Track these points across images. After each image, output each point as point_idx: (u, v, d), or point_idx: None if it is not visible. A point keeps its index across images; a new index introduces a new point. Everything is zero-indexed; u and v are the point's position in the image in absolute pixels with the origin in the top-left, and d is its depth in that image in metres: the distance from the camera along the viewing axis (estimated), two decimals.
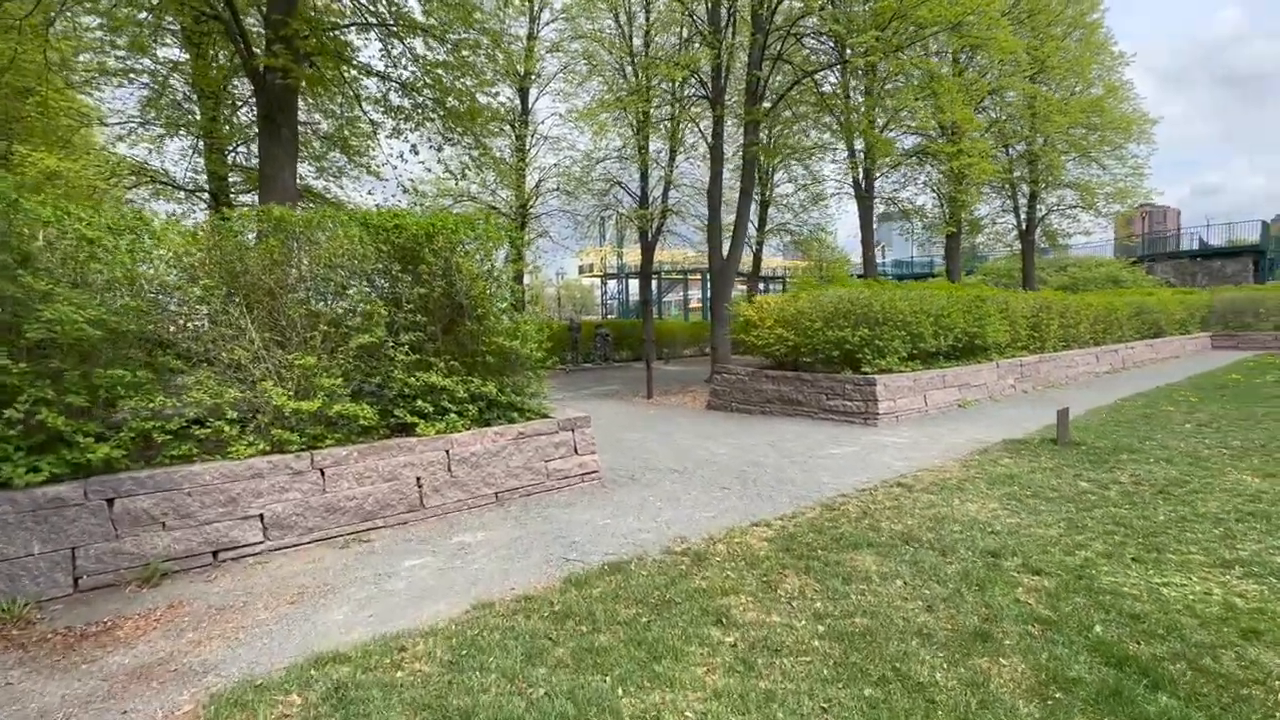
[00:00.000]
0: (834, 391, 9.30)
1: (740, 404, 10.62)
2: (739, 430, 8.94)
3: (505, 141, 19.46)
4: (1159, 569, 3.82)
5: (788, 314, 10.21)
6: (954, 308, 10.45)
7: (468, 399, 5.38)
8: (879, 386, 8.82)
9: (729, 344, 12.89)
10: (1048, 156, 19.00)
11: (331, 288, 4.84)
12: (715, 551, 4.20)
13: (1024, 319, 12.48)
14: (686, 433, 8.89)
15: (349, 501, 4.55)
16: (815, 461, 6.86)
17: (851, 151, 16.93)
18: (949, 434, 8.17)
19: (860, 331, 9.19)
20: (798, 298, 10.39)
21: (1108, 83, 19.91)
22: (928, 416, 9.45)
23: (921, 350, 9.89)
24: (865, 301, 9.45)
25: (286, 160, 8.55)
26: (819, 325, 9.60)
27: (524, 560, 4.17)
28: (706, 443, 8.07)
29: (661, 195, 22.91)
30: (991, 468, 6.27)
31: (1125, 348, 15.69)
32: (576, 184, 21.36)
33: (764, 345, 10.39)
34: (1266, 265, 30.16)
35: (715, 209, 13.18)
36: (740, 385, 10.65)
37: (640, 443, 8.25)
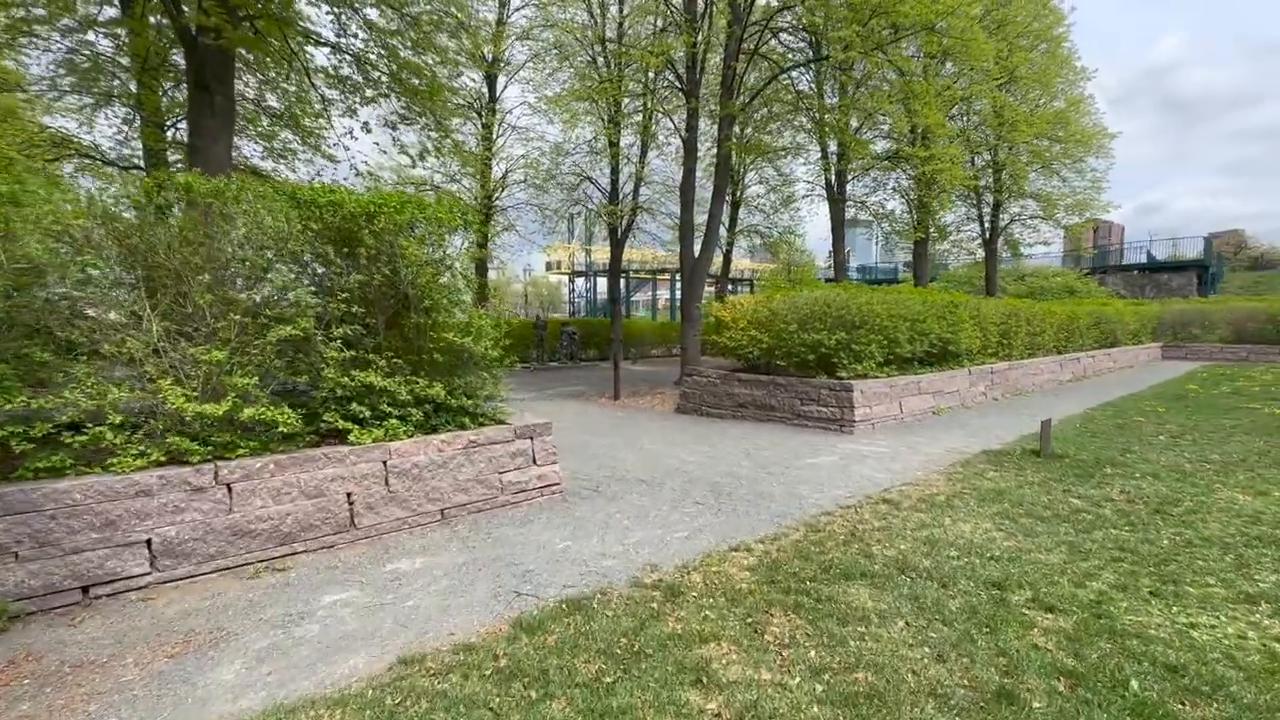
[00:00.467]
0: (809, 397, 8.87)
1: (711, 408, 10.13)
2: (711, 436, 8.44)
3: (471, 129, 18.63)
4: (1181, 605, 3.41)
5: (761, 315, 9.76)
6: (929, 313, 10.15)
7: (411, 402, 4.71)
8: (856, 393, 8.42)
9: (699, 345, 12.41)
10: (1013, 165, 19.10)
11: (248, 271, 4.11)
12: (690, 583, 3.64)
13: (994, 326, 12.32)
14: (655, 438, 8.34)
15: (262, 523, 3.84)
16: (793, 473, 6.38)
17: (825, 153, 16.65)
18: (927, 443, 7.81)
19: (837, 335, 8.79)
20: (772, 298, 9.95)
21: (1070, 96, 20.14)
22: (903, 424, 9.11)
23: (897, 356, 9.56)
24: (842, 304, 9.05)
25: (220, 132, 7.67)
26: (794, 328, 9.17)
27: (467, 594, 3.54)
28: (677, 450, 7.53)
29: (632, 192, 22.36)
30: (978, 481, 5.88)
31: (1087, 356, 15.79)
32: (545, 177, 20.65)
33: (736, 347, 9.92)
34: (1209, 279, 31.26)
35: (688, 206, 12.68)
36: (711, 389, 10.15)
37: (606, 449, 7.66)
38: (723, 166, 12.41)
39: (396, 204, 4.64)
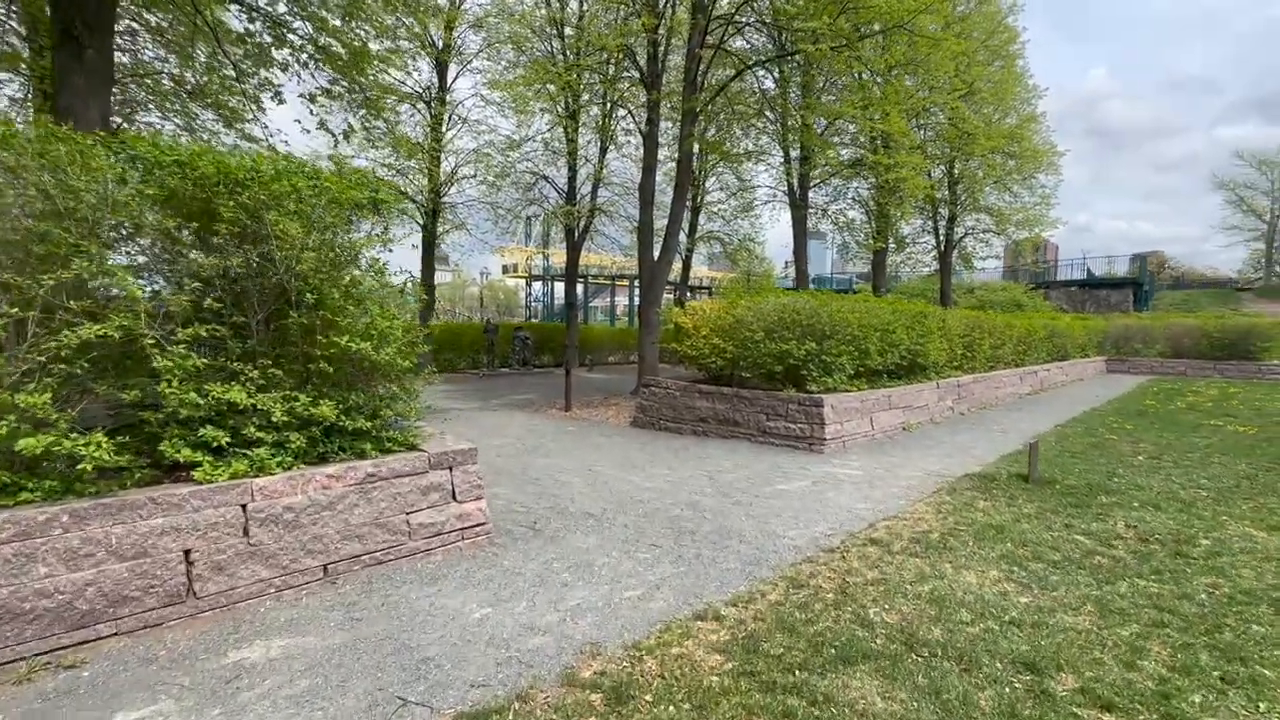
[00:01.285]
0: (775, 412, 8.08)
1: (670, 422, 9.24)
2: (669, 455, 7.53)
3: (419, 119, 17.36)
4: (1268, 699, 2.66)
5: (725, 322, 8.94)
6: (898, 323, 9.54)
7: (292, 424, 3.63)
8: (827, 408, 7.67)
9: (657, 353, 11.53)
10: (969, 179, 19.01)
11: (43, 248, 2.97)
12: (643, 676, 2.70)
13: (958, 338, 11.87)
14: (608, 458, 7.38)
15: (46, 599, 2.72)
16: (764, 503, 5.52)
17: (787, 156, 16.09)
18: (904, 464, 7.10)
19: (806, 345, 8.03)
20: (736, 305, 9.15)
21: (1025, 113, 20.24)
22: (875, 442, 8.41)
23: (867, 368, 8.87)
24: (812, 312, 8.31)
25: (93, 92, 6.37)
26: (760, 336, 8.38)
27: (331, 705, 2.50)
28: (631, 474, 6.59)
29: (590, 193, 21.41)
30: (970, 514, 5.14)
31: (1043, 369, 15.64)
32: (498, 174, 19.47)
33: (698, 356, 9.07)
34: (1144, 296, 32.36)
35: (647, 206, 11.82)
36: (670, 401, 9.27)
37: (551, 472, 6.65)
38: (684, 165, 11.61)
39: (273, 170, 3.57)
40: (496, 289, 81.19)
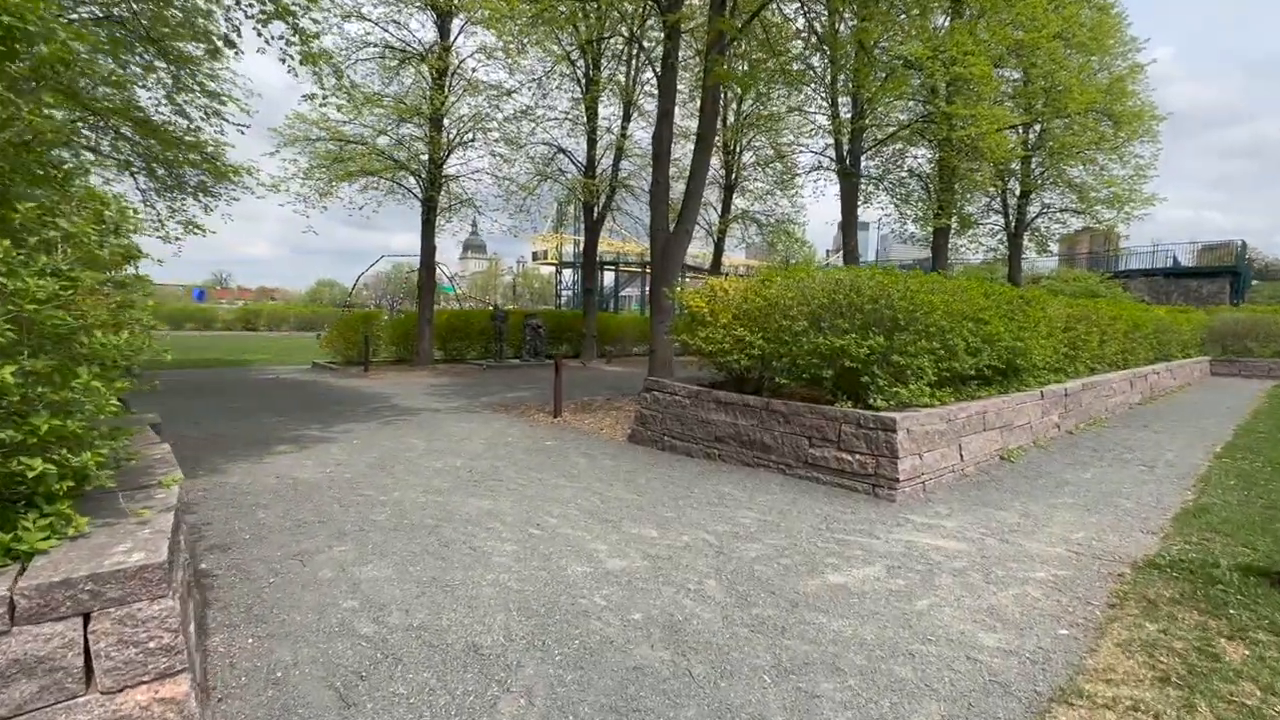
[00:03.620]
0: (822, 435, 5.52)
1: (677, 439, 6.77)
2: (665, 497, 5.08)
3: (413, 80, 15.15)
4: None
5: (753, 307, 6.40)
6: (994, 310, 6.80)
7: None
8: (900, 433, 5.07)
9: (670, 345, 9.05)
10: (1055, 145, 15.70)
11: None
12: None
13: (1060, 333, 8.98)
14: (576, 501, 4.97)
15: None
16: (807, 624, 3.01)
17: (835, 113, 13.23)
18: (1027, 528, 4.46)
19: (871, 340, 5.42)
20: (769, 282, 6.59)
21: (1131, 64, 16.71)
22: (967, 479, 5.76)
23: (952, 373, 6.20)
24: (878, 291, 5.70)
25: None
26: (802, 326, 5.82)
27: None
28: (596, 539, 4.15)
29: (612, 165, 18.95)
30: (1220, 679, 2.53)
31: (1150, 371, 12.49)
32: (509, 141, 17.17)
33: (715, 352, 6.56)
34: (1241, 286, 28.02)
35: (661, 161, 9.30)
36: (677, 411, 6.80)
37: (475, 530, 4.27)
38: (709, 108, 9.02)
39: None
40: (531, 277, 79.63)
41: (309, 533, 4.10)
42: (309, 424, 8.06)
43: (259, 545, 3.87)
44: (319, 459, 6.17)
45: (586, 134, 18.01)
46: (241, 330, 34.80)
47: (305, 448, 6.67)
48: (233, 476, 5.45)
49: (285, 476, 5.49)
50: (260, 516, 4.41)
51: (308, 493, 5.00)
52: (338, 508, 4.65)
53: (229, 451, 6.42)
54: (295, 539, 3.99)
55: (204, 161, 13.16)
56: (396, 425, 8.10)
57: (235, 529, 4.15)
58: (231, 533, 4.08)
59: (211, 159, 13.16)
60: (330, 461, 6.07)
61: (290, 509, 4.59)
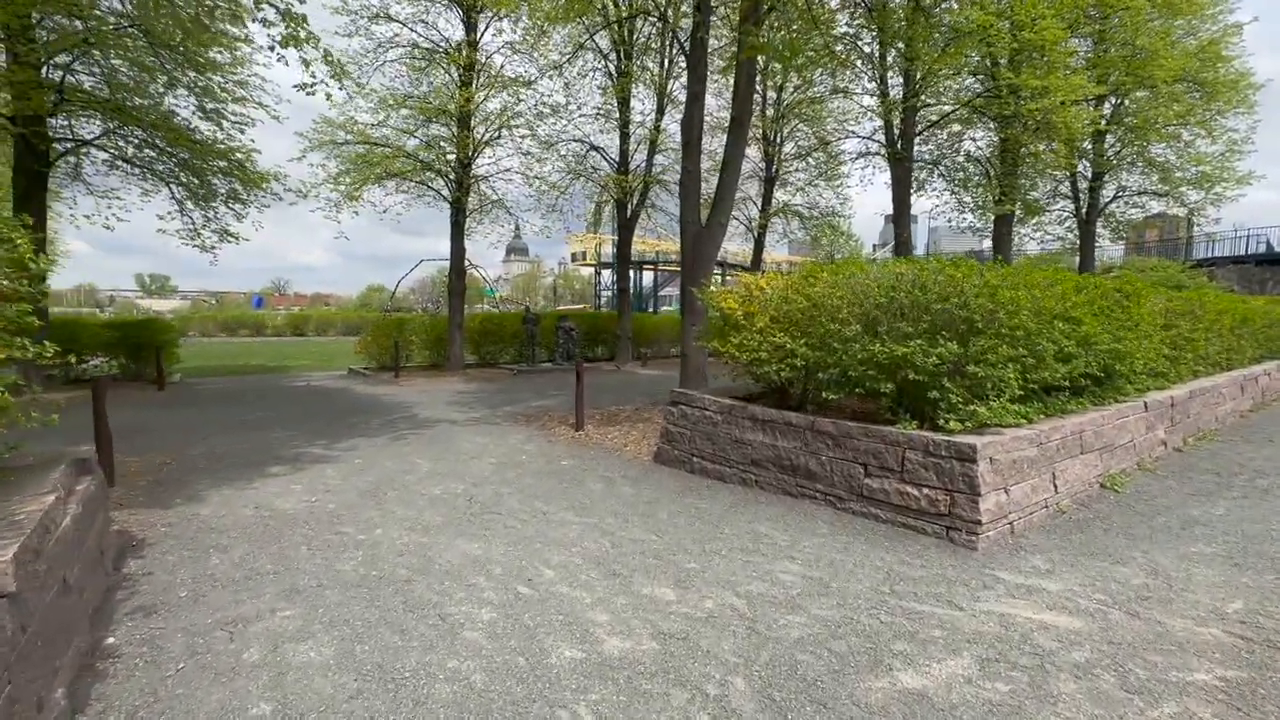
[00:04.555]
0: (881, 462, 4.53)
1: (707, 460, 5.87)
2: (689, 539, 4.20)
3: (440, 78, 14.69)
4: None
5: (795, 308, 5.43)
6: (1084, 307, 5.62)
7: None
8: (982, 464, 4.04)
9: (703, 351, 8.14)
10: (1142, 115, 13.94)
11: None
12: None
13: (1160, 330, 7.61)
14: (579, 545, 4.15)
15: None
16: None
17: (884, 91, 12.00)
18: (1161, 595, 3.38)
19: (941, 347, 4.39)
20: (813, 279, 5.61)
21: (1224, 26, 14.75)
22: (1064, 516, 4.66)
23: (1039, 383, 5.09)
24: (947, 287, 4.66)
25: None
26: (855, 331, 4.83)
27: None
28: (594, 609, 3.29)
29: (645, 160, 18.11)
30: None
31: (1262, 373, 10.80)
32: (541, 144, 16.57)
33: (752, 361, 5.62)
34: None
35: (691, 146, 8.38)
36: (708, 429, 5.89)
37: (453, 587, 3.49)
38: (744, 86, 8.05)
39: None
40: (572, 278, 79.63)
41: (257, 589, 3.41)
42: (316, 439, 7.52)
43: (191, 608, 3.19)
44: (310, 483, 5.55)
45: (618, 128, 17.23)
46: (291, 336, 35.59)
47: (301, 469, 6.08)
48: (207, 506, 4.86)
49: (265, 507, 4.87)
50: (213, 564, 3.75)
51: (279, 530, 4.34)
52: (305, 551, 3.96)
53: (218, 473, 5.88)
54: (238, 598, 3.30)
55: (233, 169, 13.03)
56: (406, 441, 7.48)
57: (176, 581, 3.50)
58: (170, 587, 3.42)
59: (240, 166, 13.02)
60: (320, 487, 5.44)
61: (251, 553, 3.92)
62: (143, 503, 4.93)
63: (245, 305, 52.99)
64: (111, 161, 12.51)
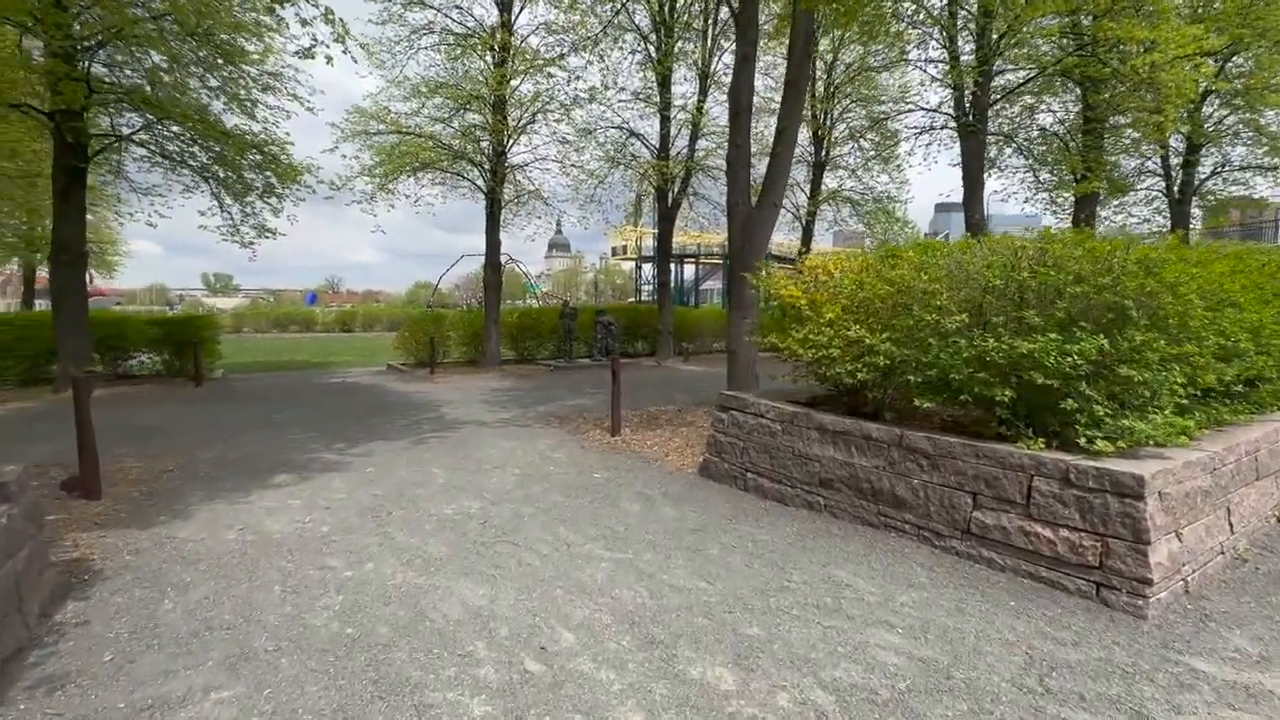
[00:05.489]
0: (997, 491, 3.48)
1: (763, 476, 4.91)
2: (746, 591, 3.26)
3: (474, 63, 14.03)
4: None
5: (873, 295, 4.40)
6: (1253, 294, 4.38)
7: None
8: (1150, 501, 2.96)
9: (754, 347, 7.14)
10: (1258, 75, 12.05)
11: None
12: None
13: None
14: (609, 592, 3.27)
15: None
16: None
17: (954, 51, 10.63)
18: None
19: (1082, 343, 3.31)
20: (896, 260, 4.55)
21: None
22: (1246, 567, 3.50)
23: (1197, 387, 3.91)
24: (1091, 265, 3.55)
25: None
26: (958, 323, 3.78)
27: None
28: (622, 702, 2.40)
29: (688, 145, 17.07)
30: None
31: None
32: (579, 132, 15.79)
33: (820, 360, 4.62)
34: None
35: (741, 117, 7.36)
36: (764, 440, 4.92)
37: (419, 675, 2.64)
38: (800, 45, 6.97)
39: None
40: (613, 273, 79.01)
41: (201, 652, 2.66)
42: (334, 442, 6.90)
43: (109, 682, 2.46)
44: (310, 497, 4.86)
45: (658, 111, 16.24)
46: (339, 331, 36.10)
47: (307, 478, 5.42)
48: (189, 527, 4.20)
49: (251, 528, 4.18)
50: (163, 611, 3.04)
51: (256, 561, 3.62)
52: (276, 594, 3.21)
53: (218, 483, 5.27)
54: (171, 667, 2.56)
55: (267, 162, 12.69)
56: (427, 445, 6.77)
57: (110, 637, 2.79)
58: (98, 646, 2.71)
59: (274, 159, 12.67)
60: (320, 502, 4.74)
61: (213, 595, 3.20)
62: (122, 521, 4.31)
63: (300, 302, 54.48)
64: (150, 157, 12.34)
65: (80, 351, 11.12)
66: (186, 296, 72.37)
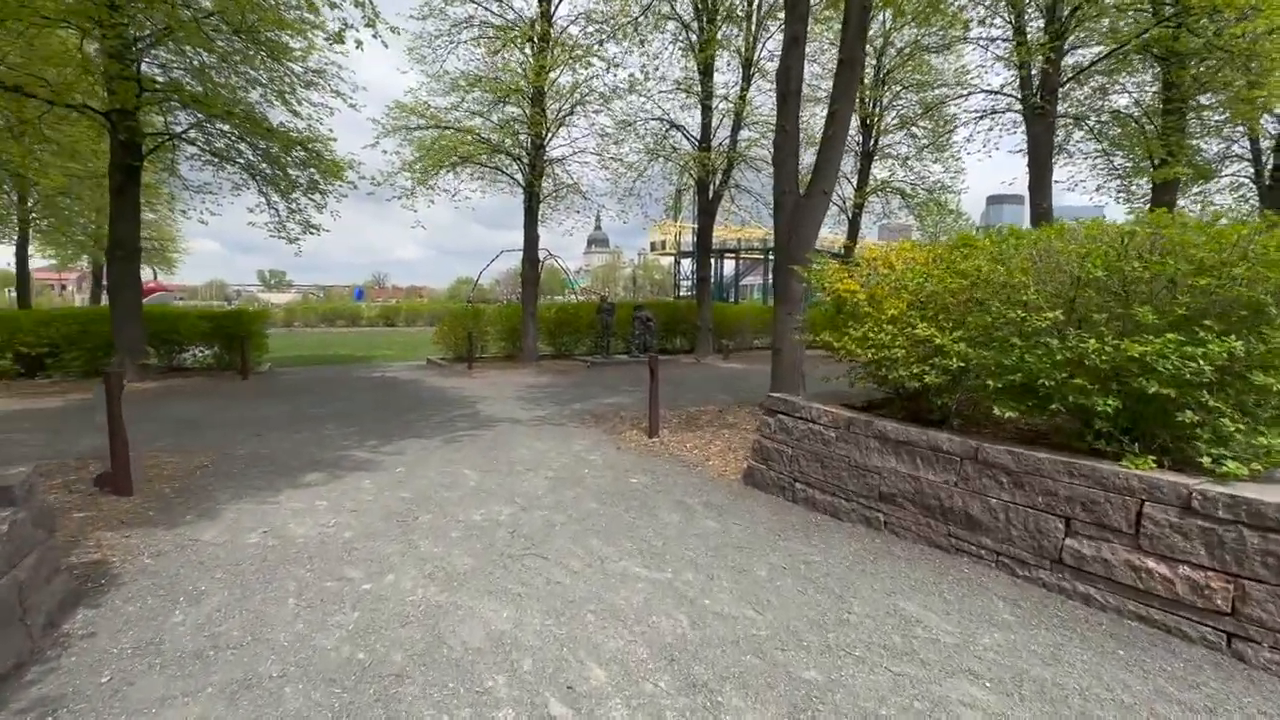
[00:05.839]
0: (1096, 515, 2.98)
1: (815, 488, 4.48)
2: (802, 623, 2.86)
3: (514, 56, 13.84)
4: None
5: (943, 289, 3.92)
6: None
7: None
8: None
9: (801, 345, 6.68)
10: None
11: None
12: None
13: None
14: (646, 619, 2.92)
15: None
16: None
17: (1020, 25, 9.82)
18: None
19: (1210, 345, 2.78)
20: (969, 250, 4.04)
21: None
22: None
23: None
24: (1219, 253, 3.00)
25: None
26: (1049, 319, 3.27)
27: None
28: None
29: (730, 136, 16.52)
30: None
31: None
32: (618, 124, 15.48)
33: (881, 361, 4.16)
34: None
35: (790, 100, 6.88)
36: (816, 448, 4.49)
37: (429, 718, 2.38)
38: (855, 19, 6.44)
39: None
40: (652, 268, 78.62)
41: (202, 676, 2.45)
42: (366, 439, 6.77)
43: (102, 710, 2.25)
44: (337, 499, 4.69)
45: (699, 101, 15.75)
46: (382, 326, 36.85)
47: (337, 477, 5.27)
48: (214, 528, 4.06)
49: (275, 532, 4.01)
50: (172, 624, 2.85)
51: (274, 569, 3.43)
52: (290, 607, 3.00)
53: (249, 480, 5.16)
54: (169, 692, 2.34)
55: (311, 159, 12.82)
56: (460, 444, 6.58)
57: (114, 653, 2.61)
58: (99, 663, 2.53)
59: (318, 155, 12.79)
60: (347, 504, 4.55)
61: (225, 607, 3.01)
62: (149, 520, 4.21)
63: (348, 297, 56.00)
64: (200, 155, 12.60)
65: (135, 344, 11.45)
66: (243, 292, 75.47)
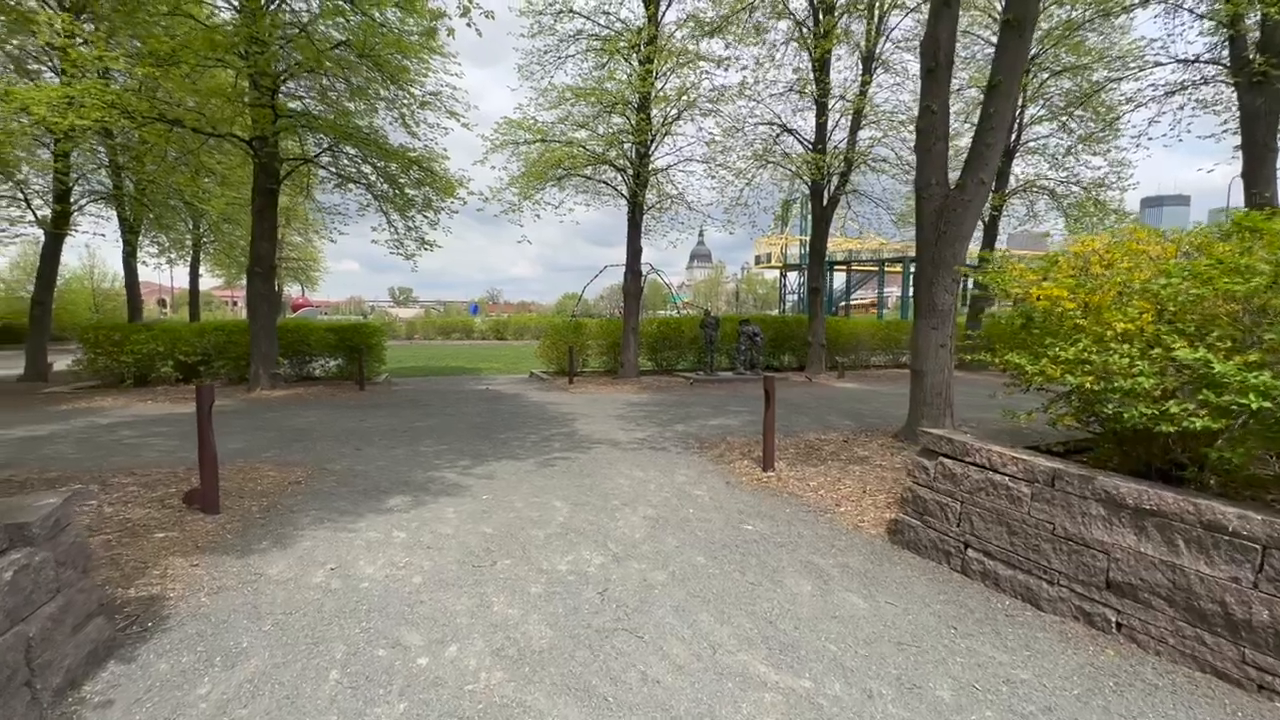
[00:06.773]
0: None
1: (999, 560, 3.33)
2: None
3: (620, 67, 13.50)
4: None
5: (1212, 292, 2.68)
6: None
7: None
8: None
9: (949, 366, 5.42)
10: None
11: None
12: None
13: None
14: None
15: None
16: None
17: None
18: None
19: None
20: (1249, 239, 2.77)
21: None
22: None
23: None
24: None
25: None
26: None
27: None
28: None
29: (848, 135, 15.14)
30: None
31: None
32: (726, 131, 14.69)
33: (1105, 393, 2.96)
34: None
35: (938, 74, 5.71)
36: (999, 506, 3.33)
37: None
38: None
39: None
40: (754, 283, 76.54)
41: None
42: (459, 458, 6.39)
43: None
44: (415, 530, 4.20)
45: (814, 99, 14.57)
46: (493, 339, 38.34)
47: (421, 503, 4.83)
48: (282, 562, 3.67)
49: (342, 570, 3.54)
50: (195, 697, 2.36)
51: (327, 625, 2.91)
52: (329, 685, 2.42)
53: (334, 503, 4.85)
54: None
55: (427, 178, 13.21)
56: (553, 467, 5.99)
57: None
58: None
59: (431, 173, 13.15)
60: (424, 540, 4.04)
61: (258, 676, 2.49)
62: (224, 546, 3.92)
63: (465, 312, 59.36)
64: (332, 178, 13.37)
65: (269, 354, 12.22)
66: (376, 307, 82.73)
